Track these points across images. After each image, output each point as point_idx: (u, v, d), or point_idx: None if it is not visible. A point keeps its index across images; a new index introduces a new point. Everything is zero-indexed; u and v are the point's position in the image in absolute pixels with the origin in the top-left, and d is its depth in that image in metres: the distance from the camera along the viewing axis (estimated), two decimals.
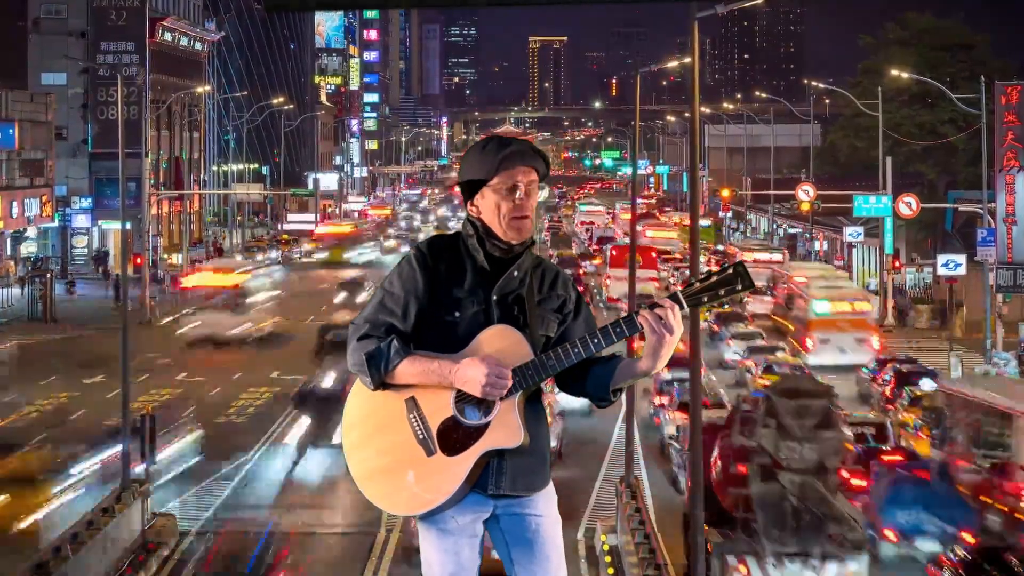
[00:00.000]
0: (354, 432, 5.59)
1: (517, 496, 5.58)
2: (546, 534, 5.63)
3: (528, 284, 5.59)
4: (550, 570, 5.61)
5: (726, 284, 5.47)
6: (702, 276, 5.52)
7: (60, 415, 48.11)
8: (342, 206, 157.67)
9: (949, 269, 61.46)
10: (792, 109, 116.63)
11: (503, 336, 5.52)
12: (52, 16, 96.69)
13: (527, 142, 5.67)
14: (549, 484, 5.68)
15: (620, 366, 5.56)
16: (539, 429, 5.59)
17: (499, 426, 5.46)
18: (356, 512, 35.42)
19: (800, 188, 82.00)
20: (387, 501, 5.55)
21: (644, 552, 29.39)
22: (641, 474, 38.80)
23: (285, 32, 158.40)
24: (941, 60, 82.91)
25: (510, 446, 5.47)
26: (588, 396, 5.62)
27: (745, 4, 35.87)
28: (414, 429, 5.50)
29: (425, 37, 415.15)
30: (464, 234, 5.64)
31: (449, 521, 5.57)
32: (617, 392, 5.59)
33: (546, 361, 5.48)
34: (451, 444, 5.47)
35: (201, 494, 38.26)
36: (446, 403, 5.49)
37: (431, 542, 5.60)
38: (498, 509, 5.60)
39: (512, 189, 5.54)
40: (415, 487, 5.48)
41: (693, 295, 5.49)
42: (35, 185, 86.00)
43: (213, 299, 72.61)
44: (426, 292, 5.54)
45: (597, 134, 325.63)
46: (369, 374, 5.45)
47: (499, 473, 5.53)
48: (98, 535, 30.21)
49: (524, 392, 5.51)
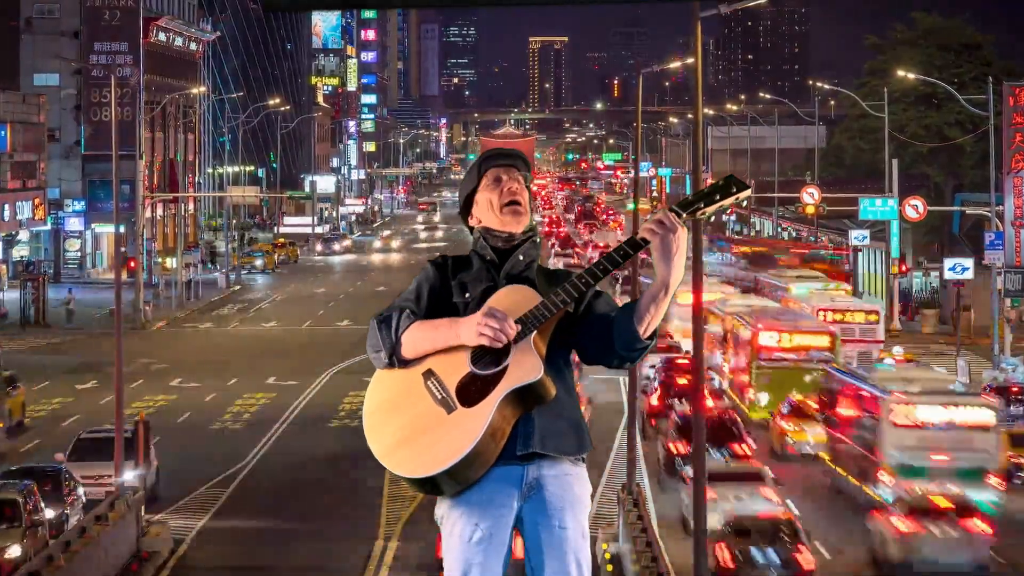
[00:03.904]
0: (374, 416, 5.60)
1: (547, 457, 5.55)
2: (570, 547, 5.58)
3: (536, 271, 5.71)
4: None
5: (720, 190, 5.47)
6: (697, 191, 5.56)
7: (53, 421, 48.00)
8: (339, 209, 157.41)
9: (956, 273, 61.26)
10: (797, 110, 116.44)
11: (513, 291, 5.60)
12: (45, 16, 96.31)
13: (504, 148, 5.92)
14: (582, 468, 5.65)
15: (639, 301, 5.56)
16: (568, 399, 5.62)
17: (516, 366, 5.48)
18: (355, 519, 35.42)
19: (805, 191, 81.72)
20: (411, 465, 5.47)
21: (646, 560, 29.13)
22: (643, 482, 38.60)
23: (281, 32, 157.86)
24: (948, 61, 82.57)
25: (530, 380, 5.45)
26: (619, 349, 5.57)
27: (749, 4, 35.58)
28: (433, 394, 5.52)
29: (424, 37, 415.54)
30: (473, 246, 5.82)
31: (474, 530, 5.53)
32: (650, 334, 5.54)
33: (554, 297, 5.50)
34: (471, 396, 5.49)
35: (196, 501, 37.98)
36: (462, 362, 5.53)
37: (454, 551, 5.57)
38: (524, 509, 5.54)
39: (497, 180, 5.75)
40: (439, 444, 5.44)
41: (688, 204, 5.51)
42: (27, 188, 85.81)
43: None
44: (438, 281, 5.70)
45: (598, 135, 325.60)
46: (380, 339, 5.55)
47: (527, 434, 5.52)
48: (91, 544, 30.01)
49: (540, 335, 5.51)
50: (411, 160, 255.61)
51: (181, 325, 74.89)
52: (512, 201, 5.72)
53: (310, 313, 79.21)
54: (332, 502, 37.59)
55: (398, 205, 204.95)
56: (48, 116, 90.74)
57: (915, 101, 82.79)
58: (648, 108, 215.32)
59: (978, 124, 71.29)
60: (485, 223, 5.76)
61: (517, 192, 5.74)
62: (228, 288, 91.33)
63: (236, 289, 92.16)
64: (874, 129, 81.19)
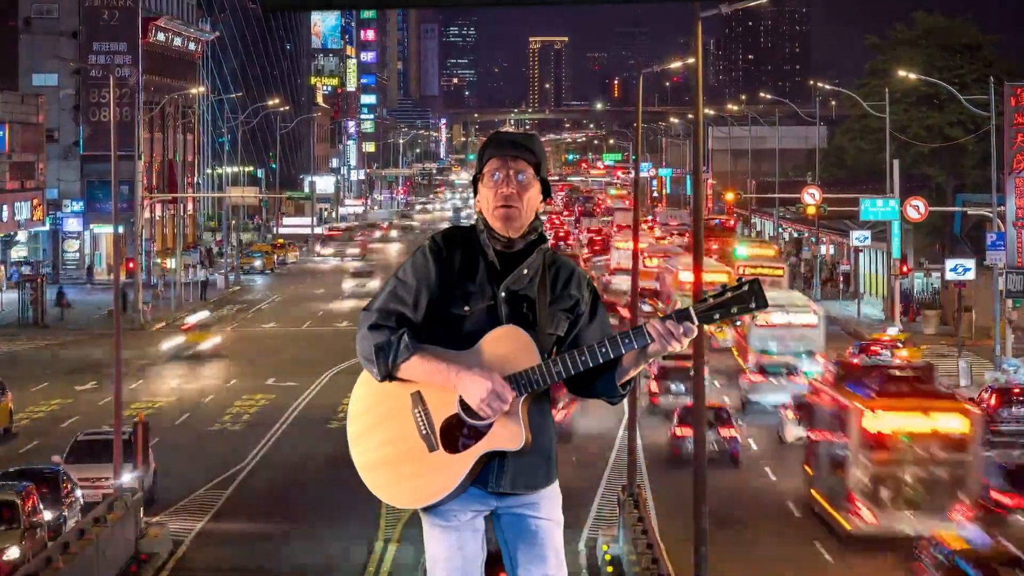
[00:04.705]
0: (359, 421, 5.63)
1: (517, 495, 5.63)
2: (546, 535, 5.67)
3: (539, 282, 5.62)
4: (548, 571, 5.66)
5: (739, 302, 5.45)
6: (715, 292, 5.50)
7: (52, 422, 47.82)
8: (338, 209, 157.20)
9: (958, 274, 61.05)
10: (797, 111, 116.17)
11: (510, 338, 5.54)
12: (43, 16, 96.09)
13: (511, 133, 5.79)
14: (554, 484, 5.71)
15: (623, 364, 5.59)
16: (544, 427, 5.62)
17: (502, 428, 5.50)
18: (355, 521, 35.31)
19: (806, 191, 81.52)
20: (387, 492, 5.58)
21: (647, 562, 29.03)
22: (644, 483, 38.52)
23: (281, 32, 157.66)
24: (949, 61, 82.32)
25: (511, 449, 5.51)
26: (598, 396, 5.66)
27: (749, 4, 35.45)
28: (418, 424, 5.53)
29: (423, 37, 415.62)
30: (477, 228, 5.69)
31: (452, 517, 5.62)
32: (626, 386, 5.65)
33: (552, 367, 5.50)
34: (453, 442, 5.52)
35: (196, 503, 37.89)
36: (451, 400, 5.52)
37: (435, 538, 5.66)
38: (499, 508, 5.67)
39: (493, 177, 5.63)
40: (415, 481, 5.54)
41: (705, 312, 5.48)
42: (25, 188, 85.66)
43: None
44: (438, 283, 5.58)
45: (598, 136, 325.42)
46: (376, 365, 5.51)
47: (500, 471, 5.57)
48: (90, 546, 29.85)
49: (529, 396, 5.53)
50: (411, 161, 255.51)
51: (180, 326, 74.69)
52: (503, 206, 5.60)
53: (310, 314, 79.10)
54: (332, 503, 37.43)
55: (397, 206, 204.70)
56: (47, 116, 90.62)
57: (916, 101, 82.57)
58: (648, 108, 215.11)
59: (980, 124, 71.12)
60: (484, 215, 5.68)
61: (510, 197, 5.58)
62: (227, 289, 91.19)
63: (235, 290, 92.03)
64: (875, 129, 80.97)
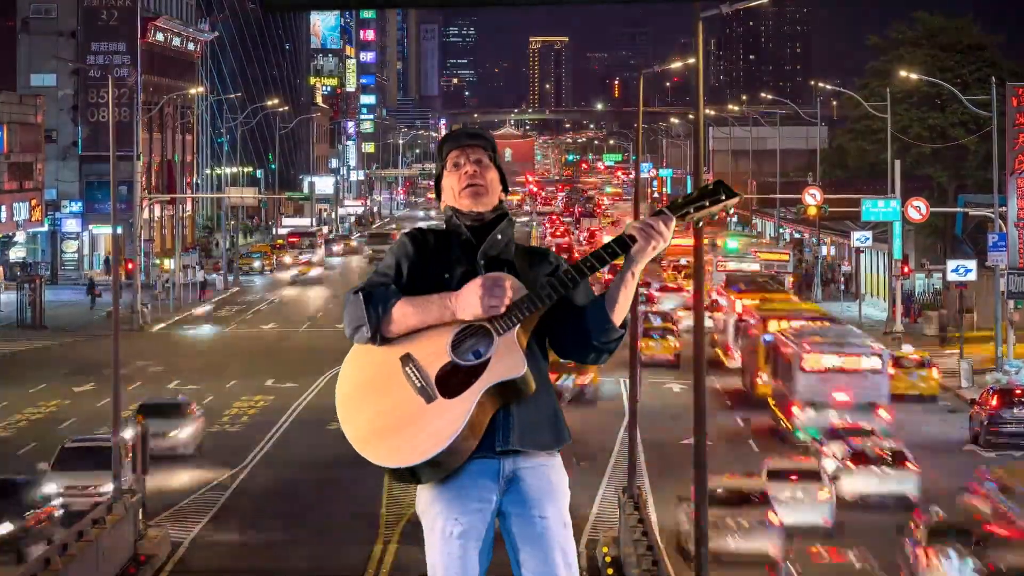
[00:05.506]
0: (350, 401, 5.54)
1: (525, 452, 5.55)
2: (553, 537, 5.58)
3: (515, 252, 5.68)
4: (558, 573, 5.56)
5: (709, 195, 5.60)
6: (685, 193, 5.68)
7: (50, 424, 47.65)
8: (338, 210, 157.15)
9: (959, 275, 61.14)
10: (799, 111, 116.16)
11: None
12: (41, 16, 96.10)
13: (464, 127, 5.89)
14: (562, 476, 5.64)
15: (608, 290, 5.57)
16: (544, 386, 5.59)
17: (499, 361, 5.45)
18: (354, 522, 35.39)
19: (807, 192, 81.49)
20: (392, 455, 5.44)
21: (647, 564, 28.86)
22: (644, 484, 38.44)
23: (280, 32, 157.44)
24: (951, 61, 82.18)
25: (513, 376, 5.44)
26: (595, 340, 5.57)
27: (750, 4, 35.27)
28: (411, 380, 5.46)
29: (423, 38, 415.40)
30: (446, 217, 5.77)
31: (454, 525, 5.53)
32: (622, 323, 5.57)
33: (540, 291, 5.49)
34: (452, 387, 5.44)
35: (194, 504, 37.87)
36: (442, 349, 5.48)
37: (435, 546, 5.58)
38: (505, 504, 5.55)
39: (456, 165, 5.72)
40: (418, 436, 5.40)
41: (678, 207, 5.58)
42: (24, 189, 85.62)
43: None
44: (417, 258, 5.62)
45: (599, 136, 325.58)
46: (365, 313, 5.46)
47: (506, 428, 5.50)
48: (88, 547, 29.77)
49: (523, 328, 5.49)
50: (410, 161, 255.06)
51: (179, 327, 74.65)
52: (469, 184, 5.69)
53: (309, 315, 79.04)
54: (331, 504, 37.44)
55: (397, 206, 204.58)
56: (45, 117, 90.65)
57: (918, 102, 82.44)
58: (649, 109, 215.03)
59: (981, 125, 71.02)
60: (452, 204, 5.73)
61: (475, 175, 5.70)
62: (226, 290, 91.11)
63: (235, 291, 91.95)
64: (877, 130, 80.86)
